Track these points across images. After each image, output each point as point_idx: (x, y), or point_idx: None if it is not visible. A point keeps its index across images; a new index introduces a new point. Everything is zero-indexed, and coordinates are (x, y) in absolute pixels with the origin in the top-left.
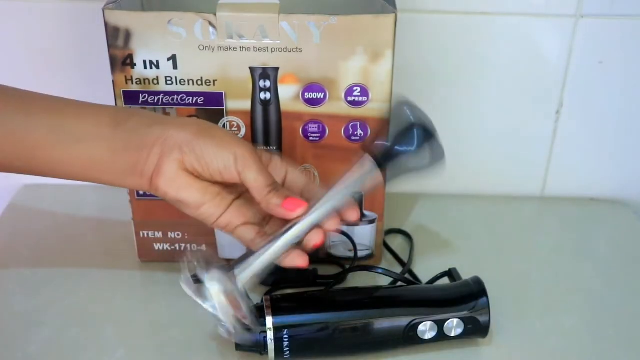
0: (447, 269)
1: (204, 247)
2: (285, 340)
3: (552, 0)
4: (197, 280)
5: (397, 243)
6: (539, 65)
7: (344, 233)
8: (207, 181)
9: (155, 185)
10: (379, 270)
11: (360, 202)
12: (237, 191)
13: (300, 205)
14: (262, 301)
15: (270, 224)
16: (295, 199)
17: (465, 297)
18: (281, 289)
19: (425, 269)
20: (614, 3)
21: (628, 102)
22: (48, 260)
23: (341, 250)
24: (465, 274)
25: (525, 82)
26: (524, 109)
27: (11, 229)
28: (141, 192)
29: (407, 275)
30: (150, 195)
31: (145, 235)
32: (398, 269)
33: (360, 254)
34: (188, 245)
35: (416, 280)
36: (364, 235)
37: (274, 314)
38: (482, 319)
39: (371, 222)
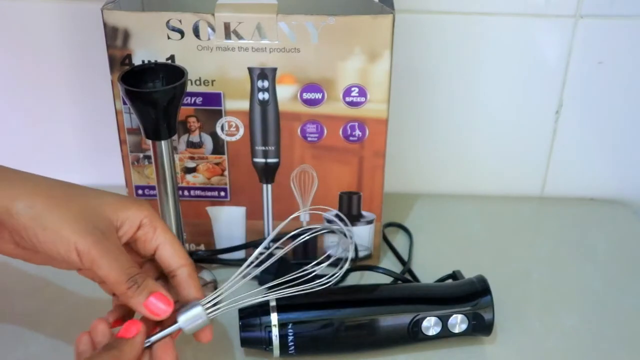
0: (446, 269)
1: (202, 247)
2: (290, 336)
3: (552, 1)
4: None
5: (397, 239)
6: (538, 65)
7: (343, 233)
8: None
9: None
10: (380, 270)
11: (358, 202)
12: None
13: (167, 310)
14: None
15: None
16: (159, 298)
17: (469, 295)
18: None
19: (426, 269)
20: (614, 3)
21: (628, 102)
22: None
23: (339, 250)
24: (465, 274)
25: (525, 82)
26: (524, 109)
27: None
28: (140, 192)
29: (407, 275)
30: (150, 195)
31: None
32: (398, 267)
33: (358, 254)
34: (187, 245)
35: (415, 280)
36: (362, 235)
37: (279, 311)
38: (486, 316)
39: (369, 222)
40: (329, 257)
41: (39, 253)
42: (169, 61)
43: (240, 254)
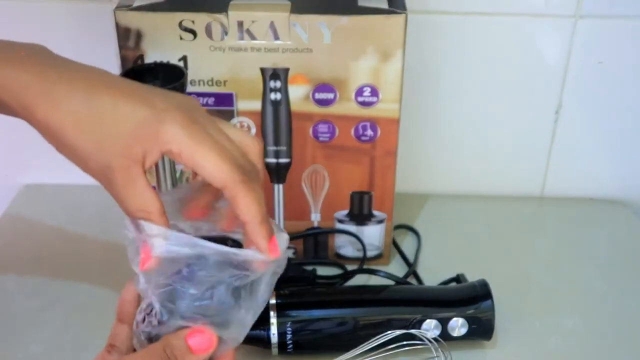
0: (451, 271)
1: None
2: (289, 334)
3: (552, 1)
4: None
5: (405, 241)
6: (538, 66)
7: (352, 234)
8: None
9: None
10: (381, 274)
11: (369, 202)
12: None
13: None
14: None
15: None
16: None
17: (471, 299)
18: (280, 289)
19: (428, 270)
20: (613, 3)
21: (627, 102)
22: (49, 261)
23: (350, 250)
24: (468, 276)
25: (525, 82)
26: (524, 109)
27: (12, 229)
28: None
29: (411, 278)
30: None
31: None
32: (405, 269)
33: (369, 254)
34: None
35: (419, 283)
36: (373, 235)
37: (278, 309)
38: (486, 321)
39: (380, 222)
40: None
41: None
42: (181, 62)
43: None
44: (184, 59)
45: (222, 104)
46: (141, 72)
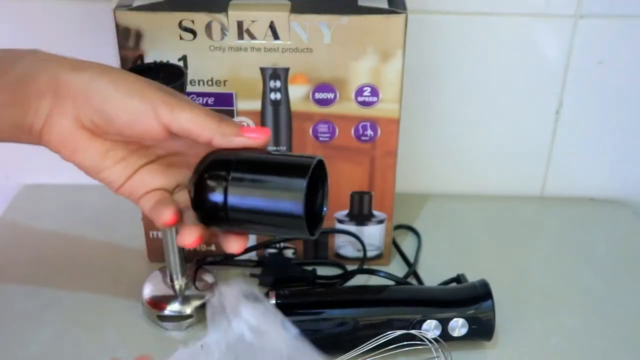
0: (448, 270)
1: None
2: None
3: (552, 1)
4: None
5: (405, 241)
6: (538, 66)
7: (352, 234)
8: (113, 140)
9: (47, 144)
10: (381, 274)
11: (369, 202)
12: (150, 154)
13: (264, 131)
14: (267, 295)
15: (180, 193)
16: (254, 128)
17: (471, 299)
18: (280, 289)
19: (428, 270)
20: (614, 3)
21: (628, 102)
22: (48, 261)
23: (350, 250)
24: (468, 276)
25: (525, 82)
26: (524, 109)
27: (12, 229)
28: None
29: (412, 278)
30: None
31: (155, 236)
32: (405, 269)
33: (369, 254)
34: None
35: (420, 283)
36: (373, 235)
37: (278, 309)
38: (487, 321)
39: (380, 222)
40: None
41: (104, 129)
42: (180, 62)
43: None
44: (184, 58)
45: (222, 104)
46: (141, 72)
